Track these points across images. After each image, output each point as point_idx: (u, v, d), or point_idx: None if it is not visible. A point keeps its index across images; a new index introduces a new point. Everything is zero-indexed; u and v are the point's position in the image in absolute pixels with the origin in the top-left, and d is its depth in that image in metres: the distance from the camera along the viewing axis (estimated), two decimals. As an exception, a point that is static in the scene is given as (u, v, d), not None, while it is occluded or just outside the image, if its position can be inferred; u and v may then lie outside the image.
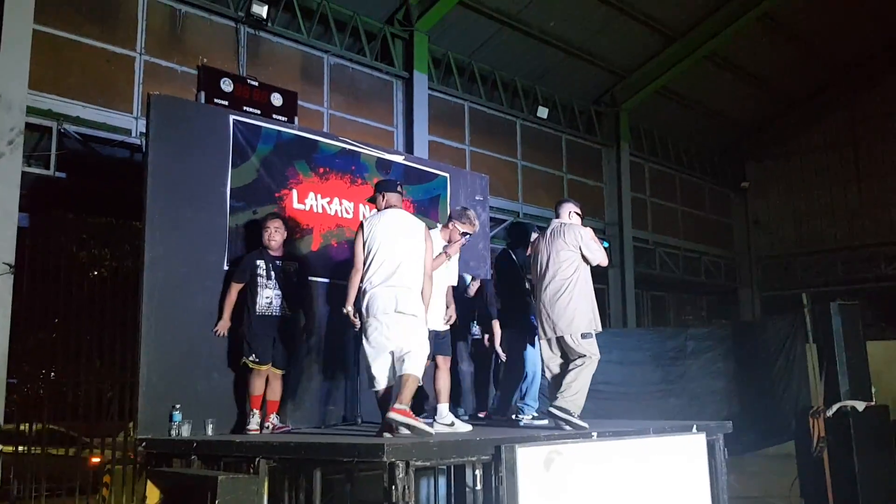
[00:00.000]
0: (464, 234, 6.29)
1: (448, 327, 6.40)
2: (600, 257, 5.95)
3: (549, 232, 6.07)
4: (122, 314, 8.76)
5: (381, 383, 5.24)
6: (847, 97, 20.80)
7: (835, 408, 8.09)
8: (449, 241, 6.26)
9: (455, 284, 6.70)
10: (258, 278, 6.11)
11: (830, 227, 21.24)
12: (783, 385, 11.34)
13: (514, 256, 7.14)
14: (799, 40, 18.34)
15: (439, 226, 6.63)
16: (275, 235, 6.22)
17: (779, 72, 19.22)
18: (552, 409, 5.55)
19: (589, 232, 5.99)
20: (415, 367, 5.16)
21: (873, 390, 8.43)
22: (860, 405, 8.04)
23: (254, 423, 6.00)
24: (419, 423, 4.89)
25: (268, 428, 6.06)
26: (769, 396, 11.29)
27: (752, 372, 11.51)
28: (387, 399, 5.21)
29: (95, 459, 9.32)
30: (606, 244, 6.57)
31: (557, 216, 6.18)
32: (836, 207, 21.21)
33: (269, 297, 6.10)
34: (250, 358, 6.00)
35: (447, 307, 6.42)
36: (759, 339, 12.05)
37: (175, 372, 5.88)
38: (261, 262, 6.16)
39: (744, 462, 11.21)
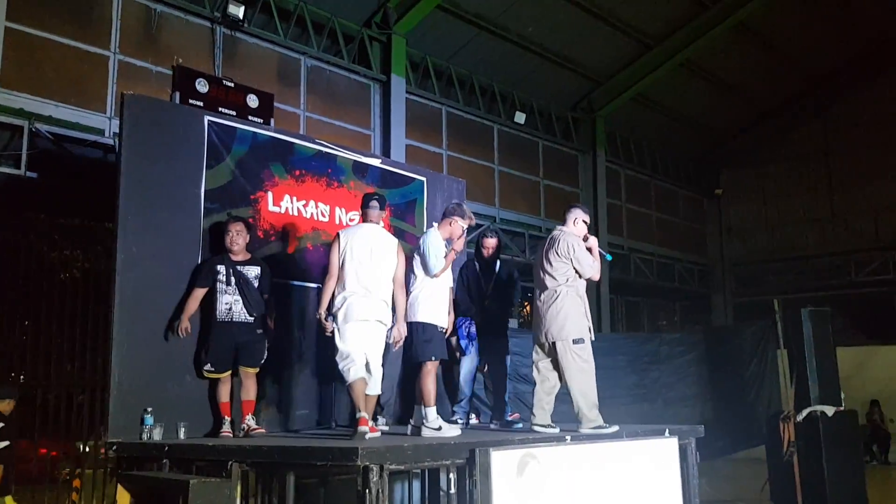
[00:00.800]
0: (464, 229, 6.31)
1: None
2: (590, 272, 5.95)
3: (549, 238, 6.13)
4: (94, 316, 8.66)
5: (354, 376, 5.43)
6: (820, 107, 21.06)
7: (805, 412, 8.20)
8: (450, 238, 6.24)
9: (452, 286, 6.71)
10: (218, 284, 6.01)
11: (802, 235, 21.49)
12: (755, 390, 11.50)
13: (477, 265, 7.24)
14: (773, 50, 18.55)
15: (435, 224, 6.63)
16: (237, 239, 6.12)
17: (753, 81, 19.43)
18: (585, 432, 5.67)
19: (582, 244, 5.97)
20: (379, 387, 5.68)
21: (842, 395, 8.54)
22: (829, 410, 8.15)
23: (226, 426, 5.94)
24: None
25: (243, 429, 5.97)
26: (741, 401, 11.42)
27: (724, 377, 11.65)
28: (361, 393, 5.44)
29: None
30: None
31: (564, 222, 6.20)
32: (807, 215, 21.46)
33: (228, 302, 6.00)
34: (205, 367, 5.96)
35: (448, 314, 6.49)
36: (731, 345, 12.20)
37: (147, 375, 5.82)
38: (221, 268, 6.06)
39: (715, 466, 11.32)
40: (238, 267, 6.11)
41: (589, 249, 6.03)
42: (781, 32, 17.96)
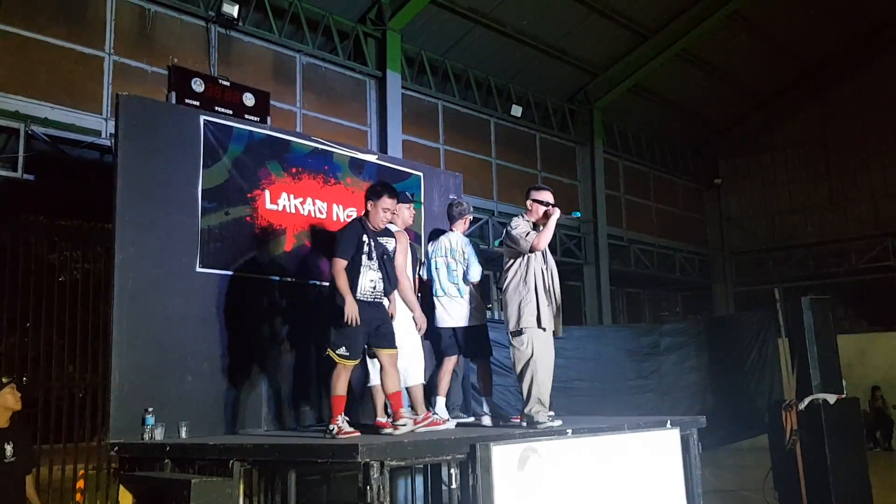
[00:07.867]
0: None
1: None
2: (525, 245, 5.66)
3: None
4: (94, 317, 8.65)
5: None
6: (817, 94, 21.07)
7: (807, 401, 8.19)
8: None
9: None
10: (362, 256, 5.33)
11: (802, 223, 21.49)
12: (756, 379, 11.50)
13: None
14: (769, 38, 18.54)
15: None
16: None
17: (750, 69, 19.42)
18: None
19: (518, 225, 5.80)
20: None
21: (844, 383, 8.54)
22: (831, 398, 8.15)
23: (342, 422, 5.16)
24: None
25: (332, 431, 5.12)
26: (742, 390, 11.42)
27: (725, 366, 11.64)
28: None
29: None
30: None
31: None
32: (807, 203, 21.46)
33: (373, 280, 5.35)
34: (338, 351, 5.21)
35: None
36: (732, 334, 12.20)
37: (147, 375, 5.81)
38: (365, 237, 5.38)
39: (718, 456, 11.34)
40: (379, 238, 5.50)
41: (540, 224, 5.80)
42: (776, 20, 17.95)
